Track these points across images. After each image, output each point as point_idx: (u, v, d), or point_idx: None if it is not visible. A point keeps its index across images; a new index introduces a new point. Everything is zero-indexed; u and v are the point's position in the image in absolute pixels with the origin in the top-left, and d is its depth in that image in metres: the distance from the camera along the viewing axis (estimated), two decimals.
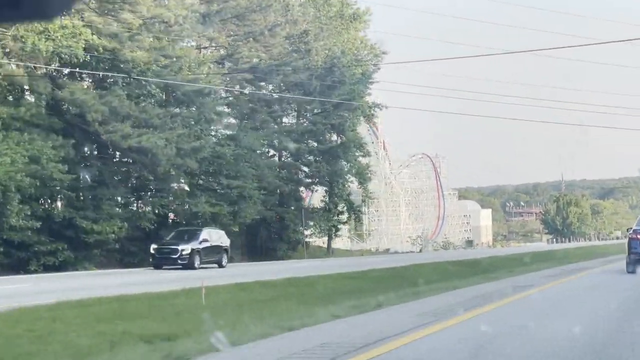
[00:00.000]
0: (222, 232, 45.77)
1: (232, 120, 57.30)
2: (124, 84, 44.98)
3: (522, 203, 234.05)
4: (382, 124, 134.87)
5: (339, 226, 75.80)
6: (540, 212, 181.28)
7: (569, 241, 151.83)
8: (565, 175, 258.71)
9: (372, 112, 77.76)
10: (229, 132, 53.33)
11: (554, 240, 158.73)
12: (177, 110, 47.70)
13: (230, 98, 61.35)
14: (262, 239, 64.00)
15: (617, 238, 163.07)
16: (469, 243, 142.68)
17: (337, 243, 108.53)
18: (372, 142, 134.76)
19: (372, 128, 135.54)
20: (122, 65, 44.74)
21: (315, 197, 78.70)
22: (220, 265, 43.78)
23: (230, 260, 61.67)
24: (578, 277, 26.07)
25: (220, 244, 44.54)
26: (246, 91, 57.84)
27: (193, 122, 48.58)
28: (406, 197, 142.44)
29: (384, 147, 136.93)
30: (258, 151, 58.18)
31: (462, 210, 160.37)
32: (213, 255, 43.45)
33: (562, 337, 12.02)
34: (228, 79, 54.79)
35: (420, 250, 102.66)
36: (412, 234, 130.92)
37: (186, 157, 45.21)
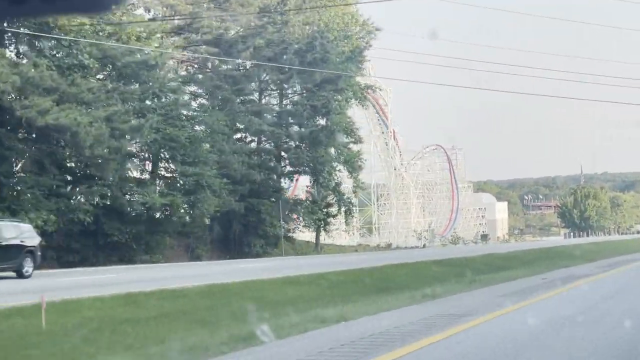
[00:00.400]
0: (28, 227, 32.13)
1: (188, 98, 50.04)
2: (53, 54, 38.41)
3: (540, 196, 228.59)
4: (392, 112, 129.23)
5: (328, 219, 68.74)
6: (557, 205, 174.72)
7: (587, 235, 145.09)
8: (587, 168, 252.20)
9: (364, 94, 70.62)
10: (185, 112, 46.17)
11: (572, 234, 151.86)
12: (116, 84, 40.73)
13: (200, 76, 54.67)
14: (235, 234, 57.39)
15: (638, 232, 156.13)
16: (484, 237, 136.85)
17: (345, 238, 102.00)
18: (383, 132, 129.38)
19: (382, 117, 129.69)
20: (52, 32, 38.31)
21: None
22: (21, 275, 29.67)
23: (197, 257, 55.39)
24: (553, 296, 18.74)
25: (21, 243, 29.90)
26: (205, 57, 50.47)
27: (139, 99, 41.84)
28: (417, 189, 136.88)
29: (394, 137, 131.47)
30: (225, 134, 51.02)
31: (477, 203, 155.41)
32: (5, 260, 29.11)
33: None
34: (184, 51, 47.95)
35: (424, 246, 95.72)
36: (423, 228, 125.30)
37: (122, 138, 38.50)
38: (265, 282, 28.22)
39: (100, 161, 39.15)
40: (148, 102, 45.99)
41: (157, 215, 47.79)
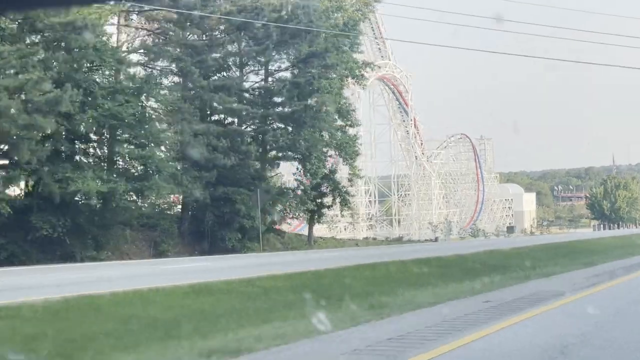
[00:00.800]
0: None
1: (134, 70, 43.35)
2: None
3: (570, 187, 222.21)
4: (412, 100, 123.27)
5: (322, 210, 62.16)
6: (586, 195, 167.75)
7: (618, 227, 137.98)
8: (620, 159, 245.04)
9: (362, 72, 63.68)
10: (131, 85, 39.57)
11: (602, 226, 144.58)
12: (33, 49, 34.28)
13: (168, 47, 48.22)
14: (207, 227, 51.00)
15: None
16: (510, 229, 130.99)
17: (362, 231, 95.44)
18: (404, 121, 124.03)
19: (402, 104, 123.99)
20: None
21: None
22: None
23: (162, 253, 49.01)
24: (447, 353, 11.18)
25: None
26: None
27: (69, 69, 35.40)
28: (439, 179, 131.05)
29: (415, 125, 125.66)
30: (189, 113, 44.43)
31: (503, 195, 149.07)
32: None
33: None
34: (136, 15, 41.52)
35: (436, 240, 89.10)
36: (442, 220, 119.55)
37: (36, 113, 32.11)
38: (168, 291, 21.88)
39: (14, 140, 32.76)
40: (96, 77, 39.87)
41: (109, 205, 41.45)
